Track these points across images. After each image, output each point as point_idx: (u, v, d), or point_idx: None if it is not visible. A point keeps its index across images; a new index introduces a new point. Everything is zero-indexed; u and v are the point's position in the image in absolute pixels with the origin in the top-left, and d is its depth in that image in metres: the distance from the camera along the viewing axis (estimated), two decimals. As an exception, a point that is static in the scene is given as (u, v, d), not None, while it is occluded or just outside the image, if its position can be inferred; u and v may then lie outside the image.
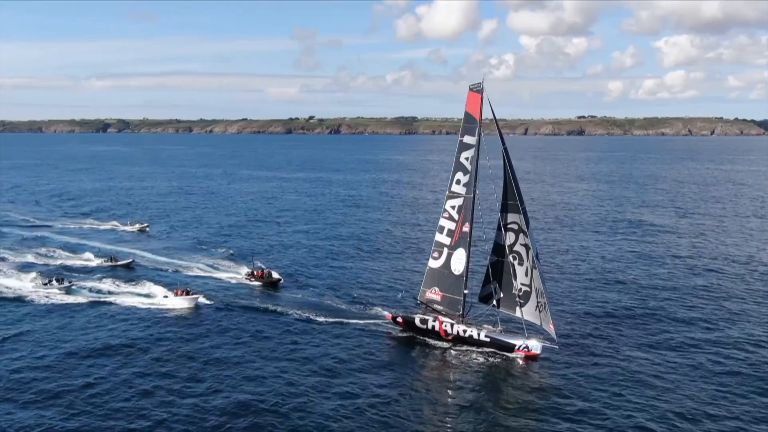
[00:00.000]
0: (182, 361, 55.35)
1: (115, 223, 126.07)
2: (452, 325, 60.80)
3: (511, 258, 60.72)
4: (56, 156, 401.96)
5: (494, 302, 61.98)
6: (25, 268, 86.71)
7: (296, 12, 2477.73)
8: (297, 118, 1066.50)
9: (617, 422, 45.20)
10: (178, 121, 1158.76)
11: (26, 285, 77.74)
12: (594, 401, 48.23)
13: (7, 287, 77.21)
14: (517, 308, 60.48)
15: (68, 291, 75.26)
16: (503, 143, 60.90)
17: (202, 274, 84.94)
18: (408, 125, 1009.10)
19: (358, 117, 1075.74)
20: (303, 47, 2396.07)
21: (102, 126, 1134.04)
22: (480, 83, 63.37)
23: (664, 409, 47.06)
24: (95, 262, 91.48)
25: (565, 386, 51.20)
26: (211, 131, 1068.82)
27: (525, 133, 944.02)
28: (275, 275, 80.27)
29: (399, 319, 63.88)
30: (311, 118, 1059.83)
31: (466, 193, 62.92)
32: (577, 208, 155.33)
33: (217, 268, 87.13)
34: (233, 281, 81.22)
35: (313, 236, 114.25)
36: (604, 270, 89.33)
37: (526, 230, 59.28)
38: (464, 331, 59.99)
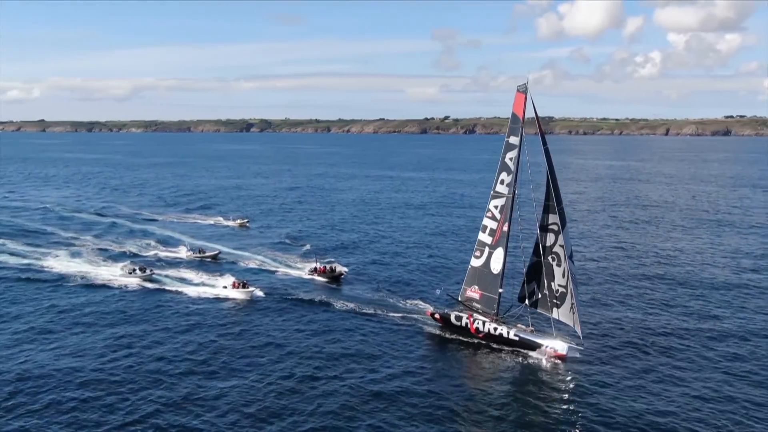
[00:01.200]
0: (203, 344, 59.21)
1: (219, 218, 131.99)
2: (484, 323, 61.33)
3: (549, 259, 60.59)
4: (194, 154, 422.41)
5: (531, 302, 62.01)
6: (120, 258, 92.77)
7: (437, 12, 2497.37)
8: (432, 118, 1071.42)
9: (635, 424, 45.34)
10: (318, 121, 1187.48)
11: (115, 273, 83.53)
12: (615, 403, 48.30)
13: (95, 274, 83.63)
14: (554, 309, 60.26)
15: (148, 279, 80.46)
16: (544, 143, 61.12)
17: (272, 268, 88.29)
18: (544, 125, 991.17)
19: (495, 117, 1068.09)
20: (443, 47, 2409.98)
21: (245, 126, 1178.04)
22: (525, 84, 63.46)
23: (685, 416, 46.70)
24: (185, 254, 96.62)
25: (587, 387, 51.34)
26: (348, 131, 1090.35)
27: (666, 134, 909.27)
28: (338, 270, 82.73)
29: (436, 316, 65.00)
30: (446, 118, 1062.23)
31: (508, 193, 63.24)
32: (667, 206, 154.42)
33: (287, 264, 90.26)
34: (298, 276, 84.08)
35: (395, 233, 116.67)
36: (655, 269, 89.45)
37: (561, 231, 59.07)
38: (495, 330, 60.45)
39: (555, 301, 60.06)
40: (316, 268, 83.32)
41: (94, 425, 43.80)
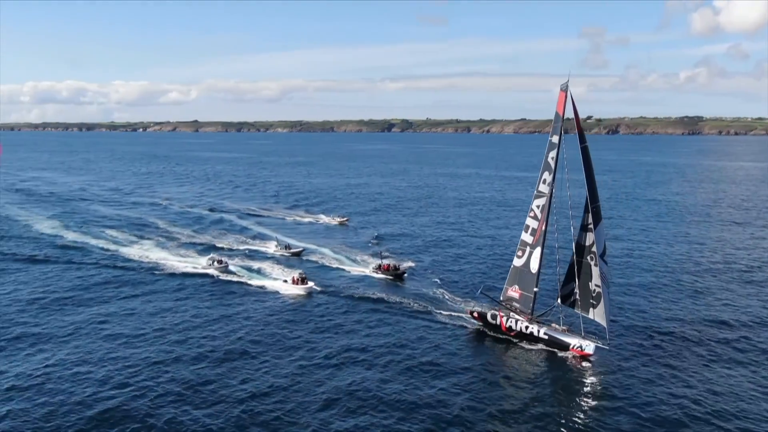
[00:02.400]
0: (234, 331, 62.59)
1: (321, 215, 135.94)
2: (517, 321, 61.77)
3: (588, 258, 60.12)
4: (327, 154, 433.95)
5: (570, 301, 61.71)
6: (210, 250, 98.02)
7: (584, 11, 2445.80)
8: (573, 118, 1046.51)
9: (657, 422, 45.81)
10: (458, 121, 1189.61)
11: (197, 264, 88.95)
12: (637, 404, 48.39)
13: (169, 264, 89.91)
14: (591, 309, 59.79)
15: (224, 271, 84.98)
16: (582, 142, 60.53)
17: (342, 266, 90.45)
18: (692, 125, 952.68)
19: (640, 117, 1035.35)
20: (590, 46, 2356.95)
21: (387, 126, 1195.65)
22: (566, 82, 63.20)
23: (711, 415, 46.97)
24: (273, 249, 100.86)
25: (609, 386, 51.74)
26: (488, 131, 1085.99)
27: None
28: (402, 268, 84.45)
29: (474, 314, 65.76)
30: (588, 118, 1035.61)
31: (548, 192, 63.17)
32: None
33: (358, 262, 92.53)
34: (363, 273, 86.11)
35: (479, 231, 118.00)
36: (721, 270, 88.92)
37: (593, 229, 58.62)
38: (526, 328, 60.91)
39: (592, 301, 59.60)
40: (380, 266, 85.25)
41: (115, 392, 48.12)
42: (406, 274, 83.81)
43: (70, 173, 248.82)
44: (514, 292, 65.43)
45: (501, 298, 66.69)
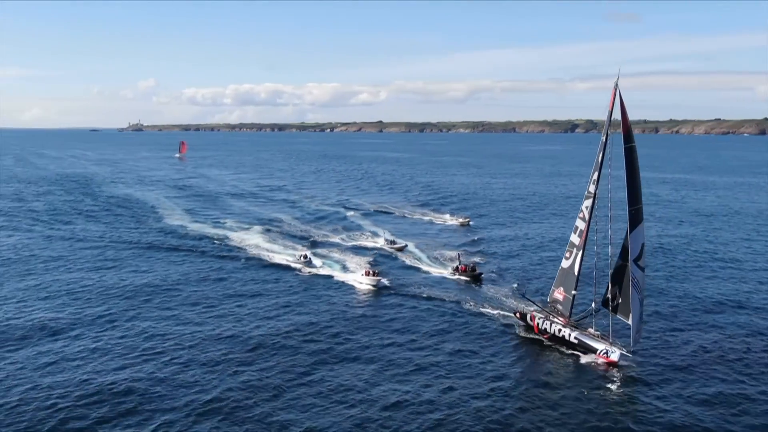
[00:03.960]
0: (289, 320, 65.40)
1: (446, 216, 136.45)
2: (551, 324, 61.23)
3: (630, 263, 58.37)
4: (497, 155, 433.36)
5: (612, 306, 60.02)
6: (316, 245, 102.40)
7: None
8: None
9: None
10: (645, 122, 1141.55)
11: (293, 256, 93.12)
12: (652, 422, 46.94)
13: (272, 257, 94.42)
14: (630, 315, 57.96)
15: (307, 264, 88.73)
16: (626, 142, 59.03)
17: (425, 266, 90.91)
18: None
19: None
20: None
21: (570, 126, 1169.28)
22: (616, 80, 61.70)
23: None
24: (379, 243, 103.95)
25: (629, 394, 50.89)
26: (676, 131, 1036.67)
27: None
28: (478, 269, 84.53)
29: (517, 314, 65.65)
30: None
31: (594, 193, 62.01)
32: None
33: (442, 262, 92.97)
34: (441, 274, 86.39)
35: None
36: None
37: (629, 232, 56.89)
38: (558, 331, 60.32)
39: (631, 306, 57.86)
40: (457, 267, 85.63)
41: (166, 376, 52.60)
42: (483, 275, 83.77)
43: (237, 171, 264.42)
44: (559, 294, 64.44)
45: (548, 300, 65.94)
